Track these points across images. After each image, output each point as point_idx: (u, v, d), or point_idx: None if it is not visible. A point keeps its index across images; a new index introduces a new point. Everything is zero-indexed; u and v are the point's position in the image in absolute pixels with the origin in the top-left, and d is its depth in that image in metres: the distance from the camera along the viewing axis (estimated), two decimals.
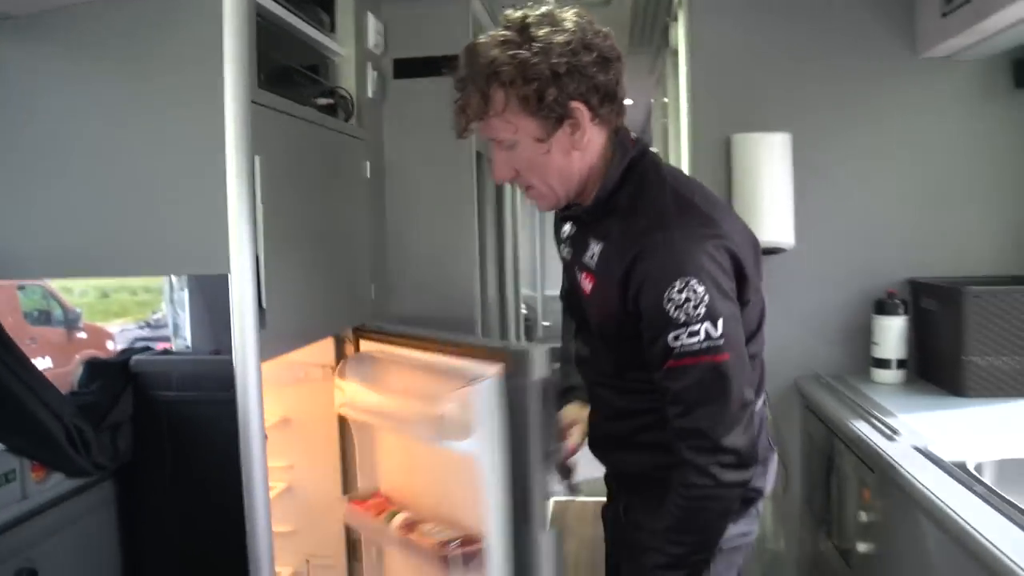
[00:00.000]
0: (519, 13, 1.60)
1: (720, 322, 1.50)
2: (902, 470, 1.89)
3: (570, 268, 1.80)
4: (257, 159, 1.77)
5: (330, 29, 2.63)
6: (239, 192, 1.73)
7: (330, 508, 2.71)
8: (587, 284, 1.68)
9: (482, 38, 1.63)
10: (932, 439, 2.07)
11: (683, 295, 1.49)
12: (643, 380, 1.62)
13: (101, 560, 2.63)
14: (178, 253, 1.83)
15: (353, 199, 2.60)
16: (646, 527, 1.69)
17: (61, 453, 2.30)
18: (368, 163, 2.72)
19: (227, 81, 1.72)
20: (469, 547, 2.12)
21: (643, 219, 1.59)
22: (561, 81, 1.54)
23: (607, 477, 1.96)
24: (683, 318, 1.49)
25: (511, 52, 1.55)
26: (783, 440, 2.94)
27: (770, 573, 2.90)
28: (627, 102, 1.76)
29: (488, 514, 2.00)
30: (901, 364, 2.74)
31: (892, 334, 2.73)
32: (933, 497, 1.71)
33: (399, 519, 2.33)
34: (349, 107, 2.63)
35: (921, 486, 1.78)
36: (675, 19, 3.35)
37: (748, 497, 1.70)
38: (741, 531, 1.74)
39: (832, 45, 2.89)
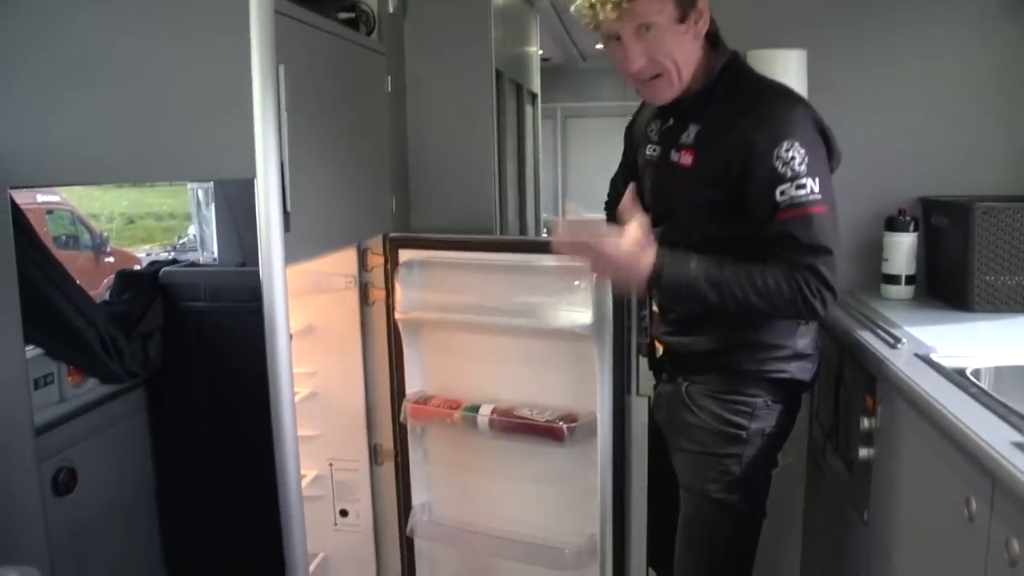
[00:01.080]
0: None
1: (819, 180, 1.78)
2: (903, 375, 1.94)
3: (661, 159, 2.01)
4: (281, 67, 1.82)
5: None
6: (264, 99, 1.78)
7: (353, 413, 2.81)
8: (687, 158, 1.93)
9: None
10: (934, 347, 2.12)
11: (789, 154, 1.77)
12: (728, 240, 1.87)
13: (135, 463, 2.74)
14: (206, 158, 1.90)
15: (374, 113, 2.65)
16: (705, 411, 2.02)
17: (95, 359, 2.40)
18: (389, 78, 2.77)
19: None
20: (574, 422, 2.46)
21: (744, 99, 1.87)
22: None
23: (664, 359, 2.22)
24: (790, 173, 1.76)
25: None
26: None
27: (777, 485, 2.98)
28: None
29: (601, 389, 2.38)
30: (910, 280, 2.78)
31: (902, 250, 2.76)
32: (931, 399, 1.76)
33: (487, 408, 2.58)
34: (371, 22, 2.67)
35: (920, 389, 1.83)
36: None
37: (794, 388, 2.05)
38: (788, 420, 2.10)
39: None
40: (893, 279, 2.79)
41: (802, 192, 1.77)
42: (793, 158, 1.76)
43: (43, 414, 2.22)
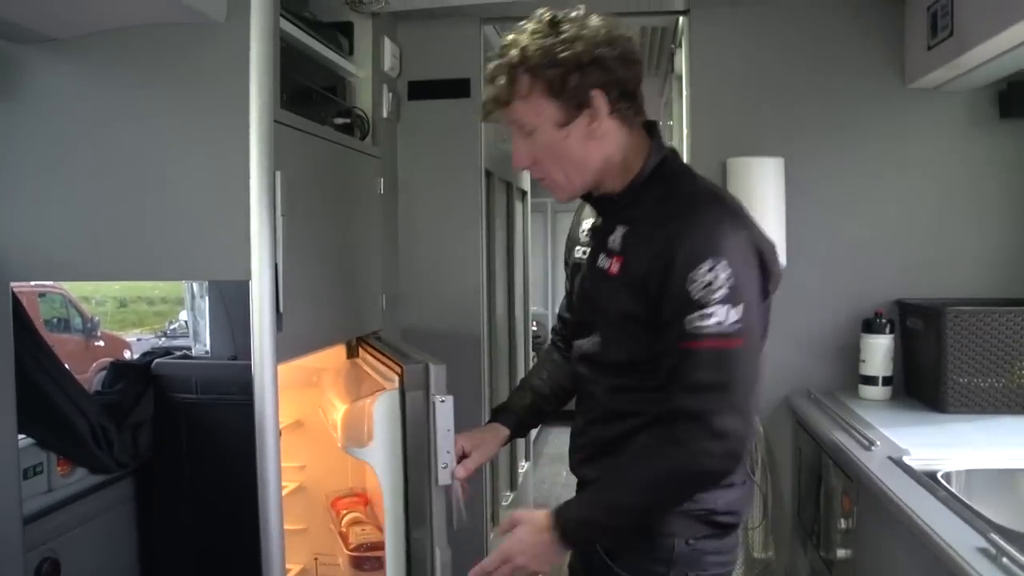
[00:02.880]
0: (550, 13, 1.68)
1: (740, 308, 1.54)
2: (876, 478, 1.99)
3: (589, 262, 1.81)
4: (278, 174, 1.89)
5: (348, 52, 2.77)
6: (261, 204, 1.84)
7: None
8: (614, 266, 1.69)
9: (514, 30, 1.71)
10: (907, 450, 2.17)
11: (707, 277, 1.53)
12: (646, 374, 1.66)
13: (120, 554, 2.72)
14: (202, 259, 1.95)
15: (367, 214, 2.72)
16: (620, 559, 1.72)
17: (86, 449, 2.42)
18: (382, 180, 2.85)
19: (252, 102, 1.84)
20: (371, 553, 2.30)
21: (675, 205, 1.65)
22: (584, 69, 1.61)
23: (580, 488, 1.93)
24: (702, 298, 1.53)
25: (538, 40, 1.63)
26: (775, 455, 3.05)
27: None
28: None
29: (387, 524, 2.05)
30: (887, 381, 2.84)
31: (879, 352, 2.83)
32: (902, 504, 1.81)
33: (348, 518, 2.54)
34: (365, 126, 2.76)
35: (892, 494, 1.88)
36: (679, 46, 3.47)
37: (723, 522, 1.72)
38: (724, 560, 1.76)
39: (825, 75, 3.00)
40: (871, 380, 2.85)
41: (711, 323, 1.53)
42: (710, 283, 1.53)
43: (31, 504, 2.23)
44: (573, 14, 1.66)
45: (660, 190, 1.69)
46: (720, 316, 1.53)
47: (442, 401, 1.92)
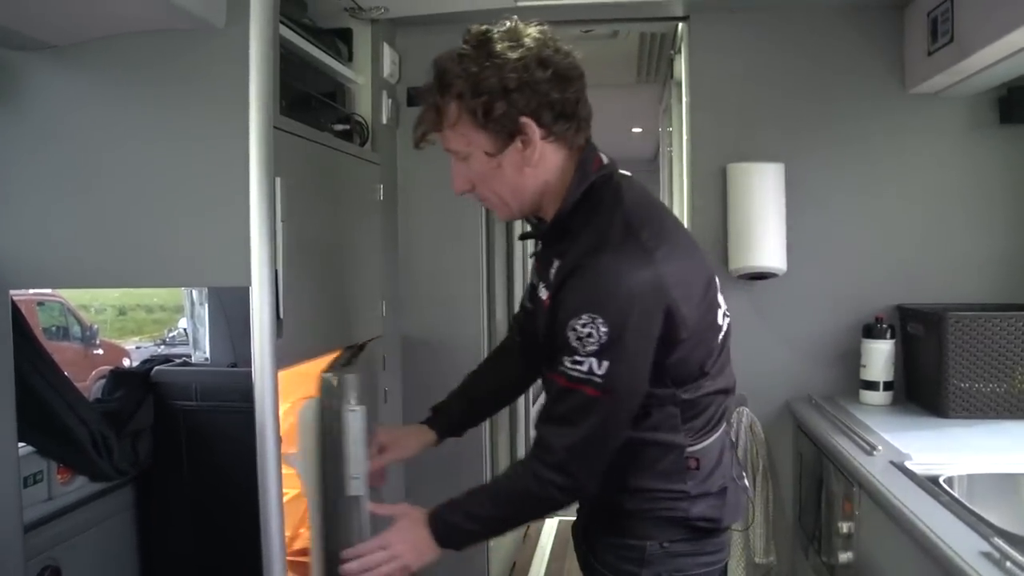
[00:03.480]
0: (483, 28, 1.63)
1: (607, 364, 1.52)
2: (878, 483, 1.99)
3: (531, 290, 1.83)
4: (278, 180, 1.89)
5: (348, 59, 2.77)
6: (261, 210, 1.84)
7: None
8: (547, 298, 1.69)
9: (444, 52, 1.66)
10: (909, 455, 2.17)
11: (586, 329, 1.51)
12: None
13: (120, 562, 2.72)
14: (202, 266, 1.95)
15: (366, 220, 2.72)
16: (597, 554, 1.78)
17: (86, 457, 2.41)
18: (381, 186, 2.84)
19: (252, 108, 1.84)
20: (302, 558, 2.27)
21: (587, 241, 1.59)
22: (511, 96, 1.55)
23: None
24: (578, 347, 1.52)
25: (463, 65, 1.58)
26: (776, 459, 3.05)
27: None
28: (635, 129, 1.81)
29: (311, 533, 2.10)
30: (888, 386, 2.84)
31: (879, 357, 2.83)
32: (904, 508, 1.81)
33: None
34: (364, 132, 2.76)
35: (894, 498, 1.88)
36: (678, 52, 3.48)
37: (701, 527, 1.71)
38: (704, 561, 1.74)
39: (825, 80, 3.01)
40: (871, 385, 2.85)
41: (580, 369, 1.53)
42: (589, 334, 1.52)
43: (31, 512, 2.23)
44: (507, 27, 1.61)
45: (584, 219, 1.64)
46: (588, 366, 1.53)
47: (352, 411, 1.93)
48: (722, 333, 1.72)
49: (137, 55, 1.93)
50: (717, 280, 1.73)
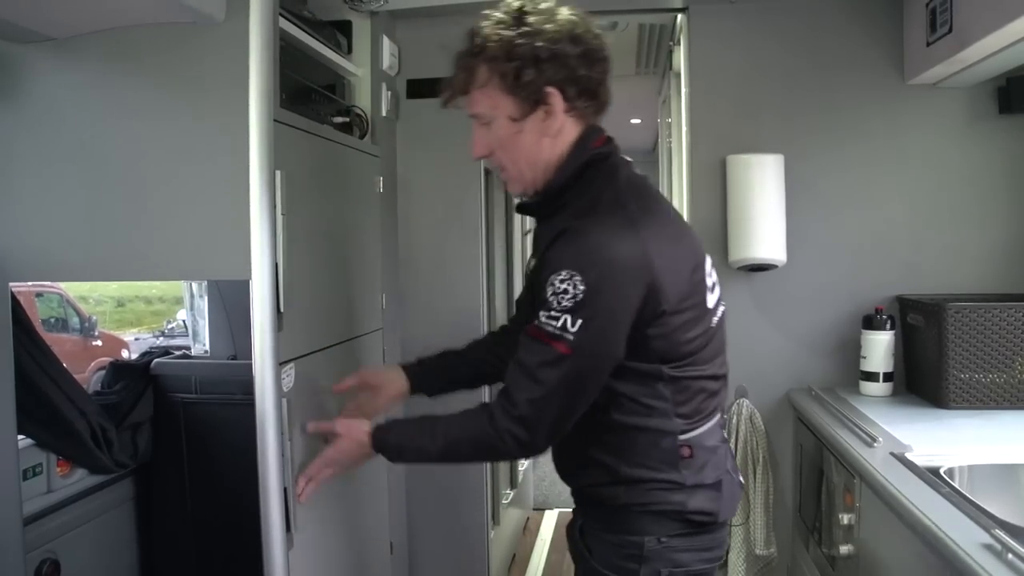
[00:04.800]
0: (520, 2, 1.68)
1: (579, 322, 1.55)
2: (879, 474, 1.99)
3: (529, 266, 1.86)
4: (278, 173, 1.89)
5: (347, 51, 2.77)
6: (261, 203, 1.84)
7: None
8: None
9: (480, 20, 1.71)
10: (909, 446, 2.17)
11: (563, 285, 1.54)
12: None
13: (120, 554, 2.73)
14: (202, 259, 1.95)
15: (366, 212, 2.72)
16: (596, 553, 1.77)
17: (85, 450, 2.42)
18: (381, 178, 2.85)
19: (252, 101, 1.84)
20: None
21: (576, 209, 1.65)
22: (541, 65, 1.62)
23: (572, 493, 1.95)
24: (553, 302, 1.55)
25: (499, 31, 1.64)
26: (776, 451, 3.05)
27: None
28: (634, 121, 1.84)
29: None
30: (888, 377, 2.84)
31: (879, 348, 2.83)
32: (904, 499, 1.81)
33: None
34: (364, 125, 2.76)
35: (894, 489, 1.88)
36: (677, 43, 3.47)
37: (698, 521, 1.71)
38: (702, 556, 1.74)
39: (824, 71, 3.00)
40: (871, 376, 2.85)
41: (554, 324, 1.56)
42: (566, 291, 1.55)
43: (30, 505, 2.23)
44: (543, 5, 1.67)
45: (578, 194, 1.69)
46: (563, 322, 1.55)
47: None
48: (715, 318, 1.74)
49: (137, 48, 1.93)
50: (710, 266, 1.76)
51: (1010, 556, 1.44)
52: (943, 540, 1.58)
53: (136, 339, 12.49)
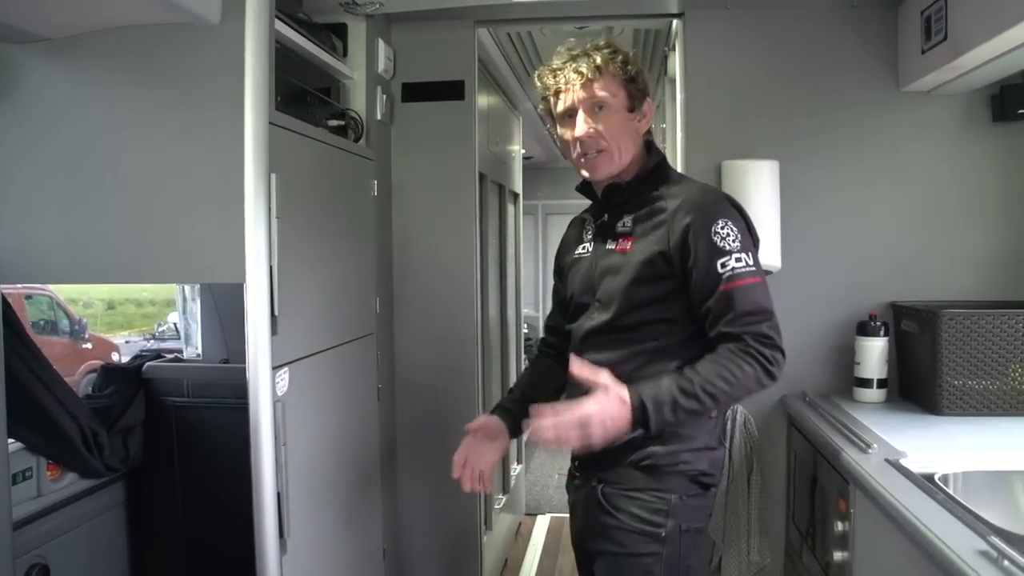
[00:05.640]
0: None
1: (751, 255, 1.93)
2: (874, 481, 1.99)
3: (596, 249, 2.10)
4: (273, 176, 1.88)
5: (343, 54, 2.77)
6: (256, 206, 1.84)
7: None
8: (626, 244, 2.02)
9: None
10: (904, 453, 2.17)
11: (725, 230, 1.91)
12: (649, 336, 1.98)
13: (111, 559, 2.71)
14: (196, 262, 1.94)
15: (360, 216, 2.71)
16: (624, 510, 1.99)
17: (76, 453, 2.41)
18: (376, 182, 2.84)
19: (247, 104, 1.84)
20: None
21: (674, 190, 2.01)
22: (645, 80, 2.06)
23: (578, 462, 2.16)
24: (728, 248, 1.90)
25: (617, 47, 2.03)
26: (770, 457, 3.04)
27: None
28: None
29: None
30: (882, 384, 2.83)
31: (873, 355, 2.83)
32: (900, 506, 1.80)
33: None
34: (359, 128, 2.75)
35: (890, 496, 1.87)
36: (672, 49, 3.47)
37: (703, 482, 2.02)
38: (703, 515, 2.07)
39: (819, 77, 3.00)
40: (865, 383, 2.84)
41: (740, 265, 1.89)
42: (728, 234, 1.90)
43: (20, 509, 2.22)
44: None
45: (657, 184, 2.05)
46: (745, 260, 1.91)
47: None
48: None
49: (132, 50, 1.92)
50: None
51: (1006, 563, 1.44)
52: (939, 547, 1.58)
53: (126, 342, 12.44)
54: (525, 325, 5.91)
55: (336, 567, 2.44)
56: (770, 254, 2.88)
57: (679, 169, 3.20)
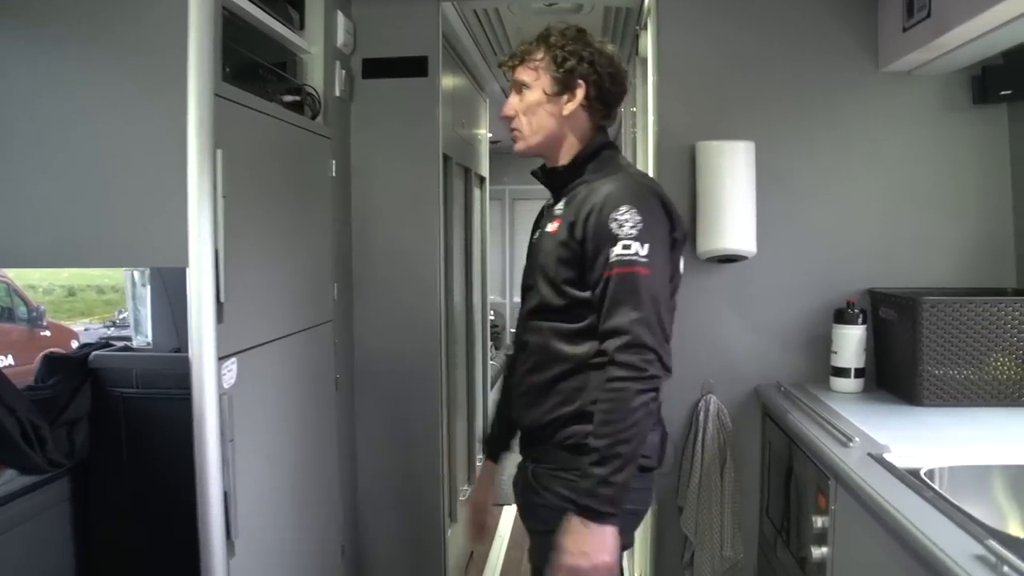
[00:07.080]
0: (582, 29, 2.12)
1: (647, 246, 1.90)
2: (857, 477, 1.91)
3: (538, 236, 2.16)
4: (219, 152, 1.76)
5: (299, 27, 2.64)
6: (200, 184, 1.73)
7: None
8: (554, 226, 2.06)
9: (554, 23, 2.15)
10: (887, 446, 2.09)
11: (625, 216, 1.91)
12: (574, 318, 2.00)
13: (55, 558, 2.61)
14: (139, 245, 1.83)
15: (317, 197, 2.60)
16: (550, 489, 2.04)
17: (15, 449, 2.29)
18: (334, 162, 2.73)
19: (190, 72, 1.73)
20: None
21: (603, 173, 2.05)
22: (582, 64, 2.05)
23: (520, 443, 2.24)
24: (619, 234, 1.90)
25: (564, 32, 2.08)
26: (743, 448, 2.97)
27: None
28: None
29: None
30: (859, 373, 2.76)
31: (850, 343, 2.75)
32: (886, 504, 1.72)
33: None
34: (316, 105, 2.63)
35: (875, 493, 1.79)
36: (644, 28, 3.37)
37: (644, 465, 2.00)
38: (642, 497, 2.09)
39: (796, 57, 2.91)
40: (842, 372, 2.77)
41: (628, 252, 1.89)
42: (627, 221, 1.90)
43: None
44: (600, 39, 2.13)
45: (595, 169, 2.09)
46: (635, 249, 1.90)
47: None
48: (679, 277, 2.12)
49: (66, 11, 1.80)
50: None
51: (1005, 568, 1.35)
52: (931, 550, 1.49)
53: (86, 329, 12.23)
54: (492, 312, 5.82)
55: (290, 568, 2.34)
56: (745, 239, 2.79)
57: (650, 151, 3.12)
